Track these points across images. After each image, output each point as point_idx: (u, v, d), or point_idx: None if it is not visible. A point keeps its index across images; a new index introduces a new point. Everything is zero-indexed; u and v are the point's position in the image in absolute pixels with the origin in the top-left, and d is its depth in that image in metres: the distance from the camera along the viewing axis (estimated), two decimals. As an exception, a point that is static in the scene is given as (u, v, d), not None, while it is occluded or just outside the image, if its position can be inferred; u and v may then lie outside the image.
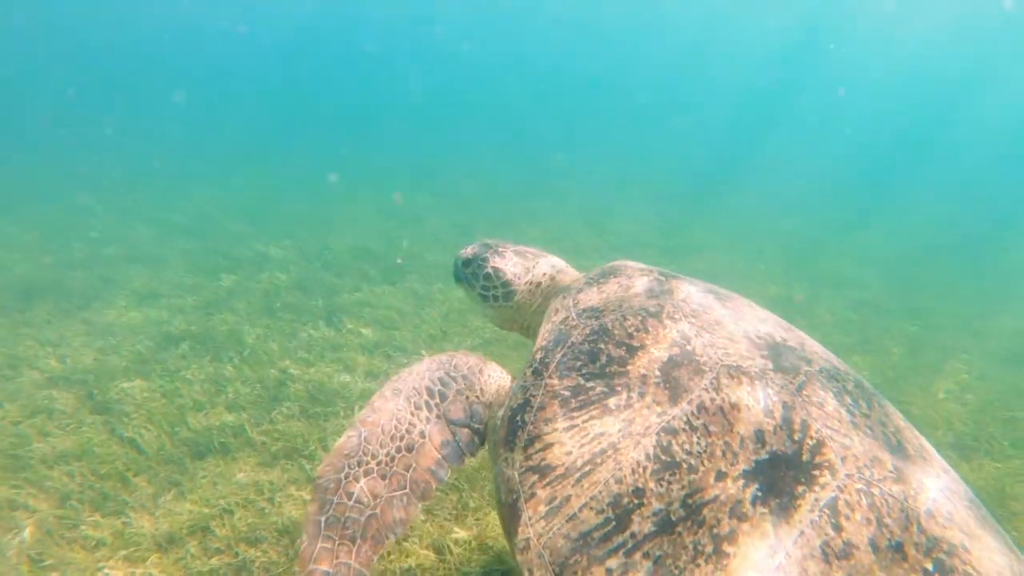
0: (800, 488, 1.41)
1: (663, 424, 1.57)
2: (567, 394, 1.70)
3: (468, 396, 1.97)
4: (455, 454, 1.86)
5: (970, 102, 39.55)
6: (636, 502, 1.47)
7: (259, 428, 3.88)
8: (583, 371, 1.74)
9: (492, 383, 2.03)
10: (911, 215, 15.48)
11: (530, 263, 2.52)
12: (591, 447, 1.58)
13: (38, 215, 9.17)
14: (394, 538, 1.69)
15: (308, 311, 5.92)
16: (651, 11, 43.46)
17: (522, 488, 1.61)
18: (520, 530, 1.57)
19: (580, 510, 1.51)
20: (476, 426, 1.93)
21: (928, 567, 1.32)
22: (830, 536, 1.35)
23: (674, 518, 1.43)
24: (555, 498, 1.55)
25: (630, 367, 1.70)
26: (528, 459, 1.64)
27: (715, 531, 1.38)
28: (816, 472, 1.44)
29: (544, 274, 2.51)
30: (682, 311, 1.85)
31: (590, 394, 1.68)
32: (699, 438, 1.52)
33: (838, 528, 1.36)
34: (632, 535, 1.44)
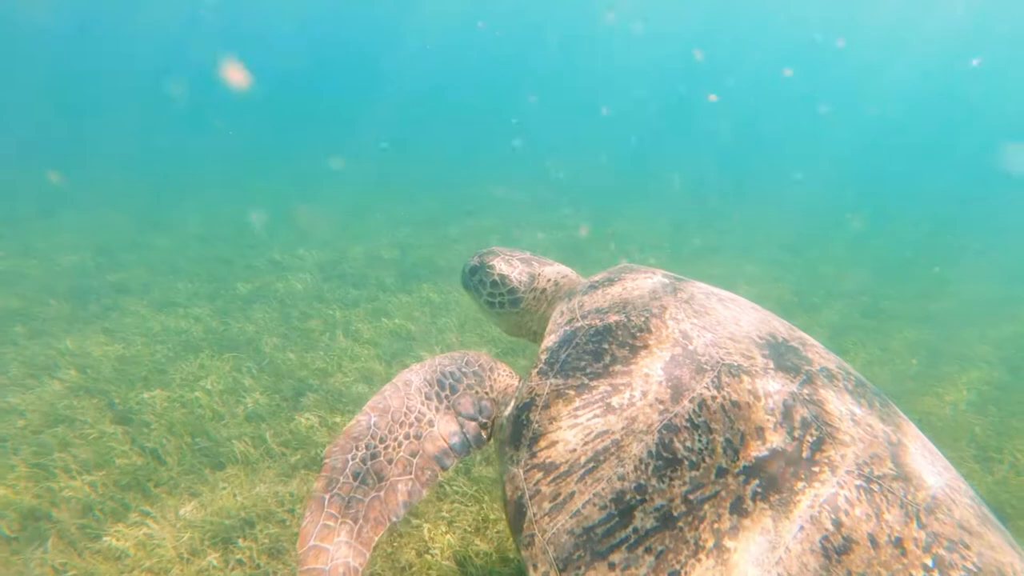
0: (800, 484, 1.44)
1: (665, 422, 1.59)
2: (571, 393, 1.74)
3: (478, 391, 2.00)
4: (462, 445, 1.88)
5: (981, 105, 39.37)
6: (639, 498, 1.50)
7: (279, 439, 3.89)
8: (587, 370, 1.78)
9: (501, 382, 2.07)
10: (922, 220, 15.36)
11: (536, 270, 2.55)
12: (594, 444, 1.62)
13: (56, 223, 9.27)
14: (396, 520, 1.70)
15: (325, 320, 5.94)
16: (657, 15, 43.53)
17: (527, 485, 1.64)
18: (525, 526, 1.60)
19: (584, 506, 1.54)
20: (484, 421, 1.95)
21: (927, 562, 1.33)
22: (830, 531, 1.37)
23: (676, 513, 1.45)
24: (559, 494, 1.58)
25: (633, 366, 1.73)
26: (533, 456, 1.68)
27: (716, 526, 1.41)
28: (816, 468, 1.46)
29: (549, 280, 2.53)
30: (685, 311, 1.88)
31: (594, 393, 1.71)
32: (701, 435, 1.55)
33: (838, 524, 1.38)
34: (635, 530, 1.46)
